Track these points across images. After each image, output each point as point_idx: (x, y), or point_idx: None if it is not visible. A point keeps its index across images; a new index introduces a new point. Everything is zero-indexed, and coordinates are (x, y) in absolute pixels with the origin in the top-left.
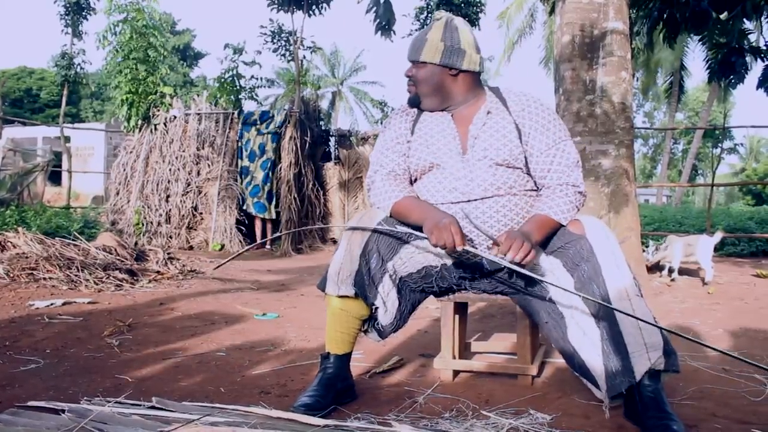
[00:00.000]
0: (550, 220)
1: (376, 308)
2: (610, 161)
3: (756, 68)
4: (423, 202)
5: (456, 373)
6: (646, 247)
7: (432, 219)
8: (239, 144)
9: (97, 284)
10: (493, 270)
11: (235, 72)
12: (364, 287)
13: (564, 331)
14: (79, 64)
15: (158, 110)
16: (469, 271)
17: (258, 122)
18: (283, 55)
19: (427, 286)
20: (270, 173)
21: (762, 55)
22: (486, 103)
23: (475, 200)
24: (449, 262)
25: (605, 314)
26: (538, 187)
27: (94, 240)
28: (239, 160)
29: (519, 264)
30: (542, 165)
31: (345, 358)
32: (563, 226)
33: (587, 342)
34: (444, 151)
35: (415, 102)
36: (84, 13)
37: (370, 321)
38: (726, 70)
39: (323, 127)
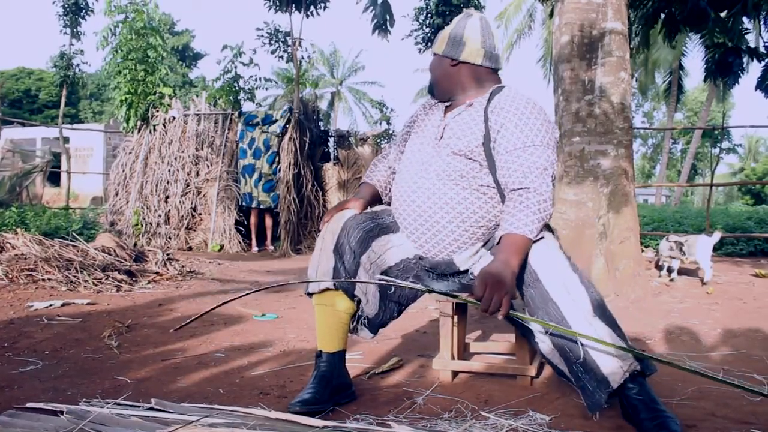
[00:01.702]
0: (518, 237)
1: (359, 300)
2: (609, 161)
3: (755, 69)
4: (361, 189)
5: (455, 373)
6: (646, 246)
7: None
8: (241, 145)
9: (96, 285)
10: (452, 272)
11: (234, 73)
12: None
13: (536, 345)
14: (77, 64)
15: (157, 111)
16: (433, 268)
17: (260, 124)
18: (281, 56)
19: (412, 280)
20: (277, 166)
21: (759, 56)
22: (479, 97)
23: (428, 188)
24: (414, 253)
25: (565, 342)
26: (499, 187)
27: (93, 241)
28: (242, 160)
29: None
30: (506, 164)
31: (337, 356)
32: (535, 241)
33: (557, 358)
34: (427, 138)
35: (430, 89)
36: (82, 14)
37: (358, 318)
38: (723, 69)
39: (322, 128)
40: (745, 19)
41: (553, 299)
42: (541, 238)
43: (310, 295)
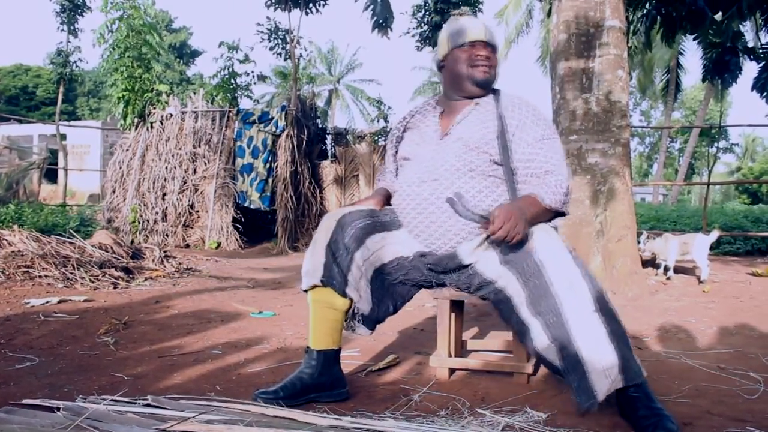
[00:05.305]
0: (538, 201)
1: (352, 299)
2: (606, 159)
3: (752, 69)
4: (378, 190)
5: (452, 371)
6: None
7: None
8: (239, 143)
9: (92, 282)
10: (455, 267)
11: (230, 70)
12: (332, 277)
13: (532, 342)
14: (74, 61)
15: (154, 108)
16: (435, 264)
17: (257, 122)
18: (279, 53)
19: (404, 277)
20: (271, 166)
21: (756, 57)
22: (483, 98)
23: (436, 180)
24: (417, 250)
25: (559, 334)
26: (509, 179)
27: (90, 238)
28: (240, 159)
29: (505, 242)
30: (530, 156)
31: (324, 354)
32: (560, 213)
33: (552, 352)
34: (424, 138)
35: (490, 83)
36: (79, 11)
37: (354, 316)
38: (720, 69)
39: (320, 125)
40: (740, 20)
41: (553, 292)
42: (548, 228)
43: (306, 291)
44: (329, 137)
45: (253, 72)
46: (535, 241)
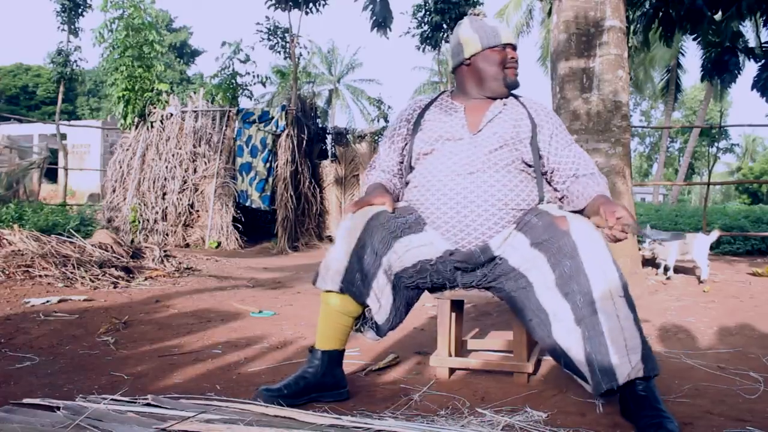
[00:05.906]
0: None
1: (368, 307)
2: (606, 159)
3: (752, 69)
4: (374, 185)
5: (452, 370)
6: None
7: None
8: (239, 142)
9: (92, 282)
10: (486, 260)
11: (232, 70)
12: (353, 285)
13: (549, 329)
14: (75, 61)
15: (154, 108)
16: (463, 262)
17: (257, 121)
18: (279, 52)
19: (422, 281)
20: (271, 165)
21: (755, 56)
22: (508, 99)
23: (472, 174)
24: (444, 249)
25: (587, 314)
26: (539, 175)
27: (90, 237)
28: (239, 158)
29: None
30: (568, 158)
31: (328, 355)
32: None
33: (572, 340)
34: (452, 133)
35: (518, 86)
36: (80, 10)
37: (365, 320)
38: (719, 69)
39: (320, 125)
40: (740, 20)
41: (585, 272)
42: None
43: (315, 285)
44: (329, 137)
45: (254, 72)
46: (570, 223)
